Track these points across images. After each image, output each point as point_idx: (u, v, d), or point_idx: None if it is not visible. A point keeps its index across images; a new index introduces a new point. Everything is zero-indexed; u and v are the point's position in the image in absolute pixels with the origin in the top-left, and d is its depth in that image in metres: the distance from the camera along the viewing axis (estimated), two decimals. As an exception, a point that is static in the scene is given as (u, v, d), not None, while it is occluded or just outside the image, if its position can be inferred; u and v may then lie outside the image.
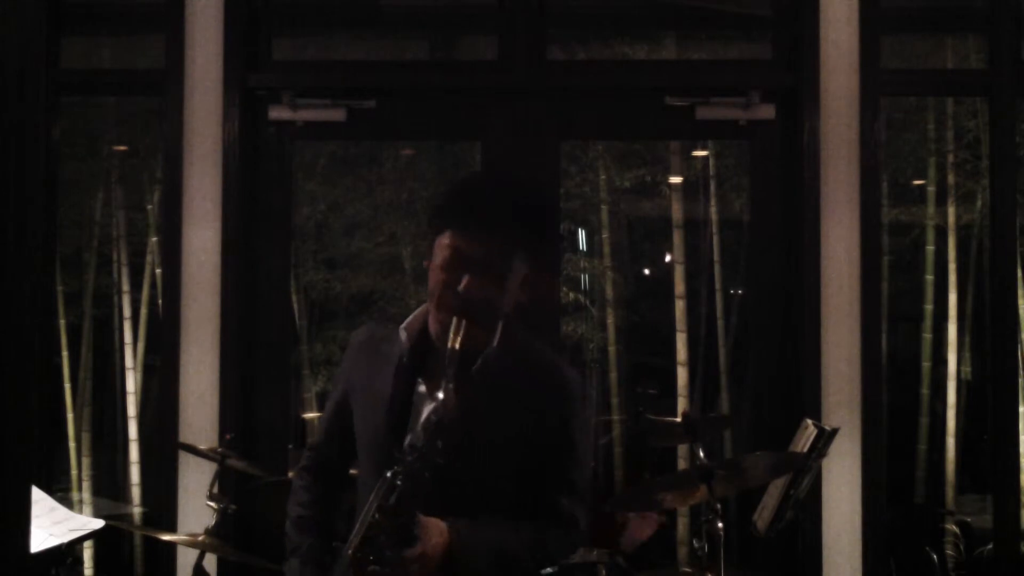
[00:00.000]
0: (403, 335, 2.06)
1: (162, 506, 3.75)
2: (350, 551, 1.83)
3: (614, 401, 4.80)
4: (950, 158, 4.60)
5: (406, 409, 2.03)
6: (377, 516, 1.82)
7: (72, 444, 4.50)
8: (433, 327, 2.00)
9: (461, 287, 1.91)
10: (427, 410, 1.91)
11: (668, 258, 4.56)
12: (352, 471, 2.25)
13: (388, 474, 1.84)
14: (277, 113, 3.86)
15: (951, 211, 4.55)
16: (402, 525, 1.83)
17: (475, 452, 1.95)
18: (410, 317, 2.09)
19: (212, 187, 3.76)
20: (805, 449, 3.03)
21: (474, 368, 1.96)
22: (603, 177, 4.89)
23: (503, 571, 1.96)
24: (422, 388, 2.04)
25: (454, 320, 1.87)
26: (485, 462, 1.98)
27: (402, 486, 1.82)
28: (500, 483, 2.00)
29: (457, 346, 1.85)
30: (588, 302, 5.00)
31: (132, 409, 4.41)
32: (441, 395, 1.83)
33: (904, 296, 4.69)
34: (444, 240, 1.95)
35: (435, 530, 1.88)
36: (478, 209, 1.96)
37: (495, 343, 2.01)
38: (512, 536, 1.98)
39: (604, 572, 2.92)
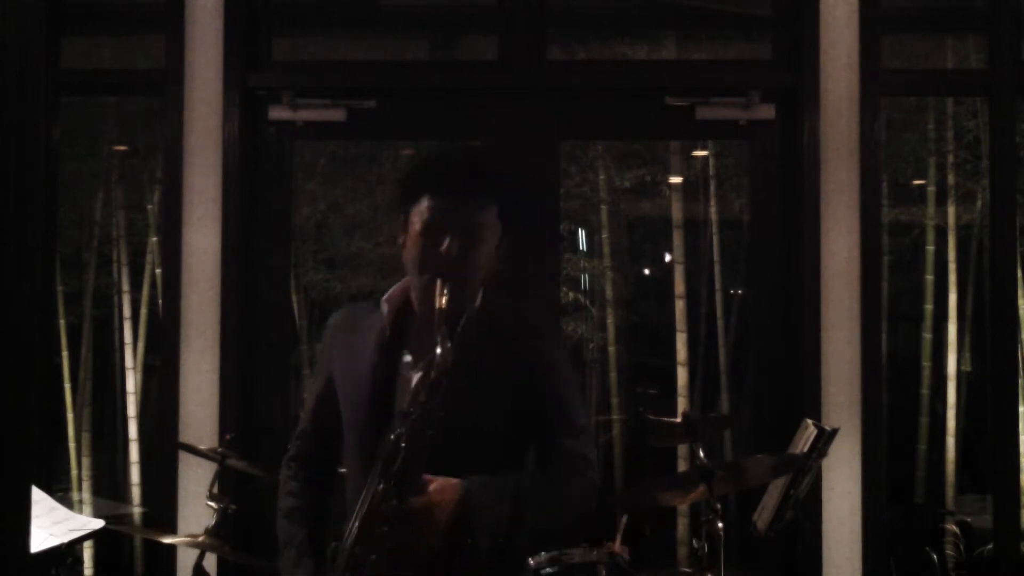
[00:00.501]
0: (384, 307, 2.09)
1: (162, 506, 3.75)
2: (357, 522, 1.82)
3: (614, 401, 4.80)
4: (950, 158, 4.60)
5: (392, 380, 2.04)
6: (382, 483, 1.82)
7: (72, 444, 4.50)
8: (416, 294, 2.03)
9: (443, 248, 1.96)
10: (419, 374, 1.90)
11: (668, 258, 4.56)
12: (341, 468, 2.24)
13: (392, 436, 1.84)
14: (277, 113, 3.86)
15: (951, 211, 4.55)
16: (409, 488, 1.83)
17: (472, 410, 1.96)
18: (391, 290, 2.12)
19: (212, 187, 3.76)
20: (805, 449, 3.04)
21: (458, 328, 1.99)
22: (603, 177, 4.88)
23: (525, 521, 1.96)
24: (407, 358, 2.06)
25: (438, 282, 1.92)
26: (483, 419, 1.99)
27: (406, 448, 1.81)
28: (502, 437, 2.01)
29: (444, 305, 1.90)
30: (588, 302, 5.00)
31: (132, 409, 4.40)
32: (438, 350, 1.84)
33: (904, 296, 4.69)
34: (422, 206, 2.01)
35: (448, 484, 1.87)
36: (454, 174, 2.04)
37: (477, 305, 2.05)
38: (529, 483, 1.99)
39: (604, 572, 2.93)
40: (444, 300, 1.90)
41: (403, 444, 1.83)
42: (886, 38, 3.81)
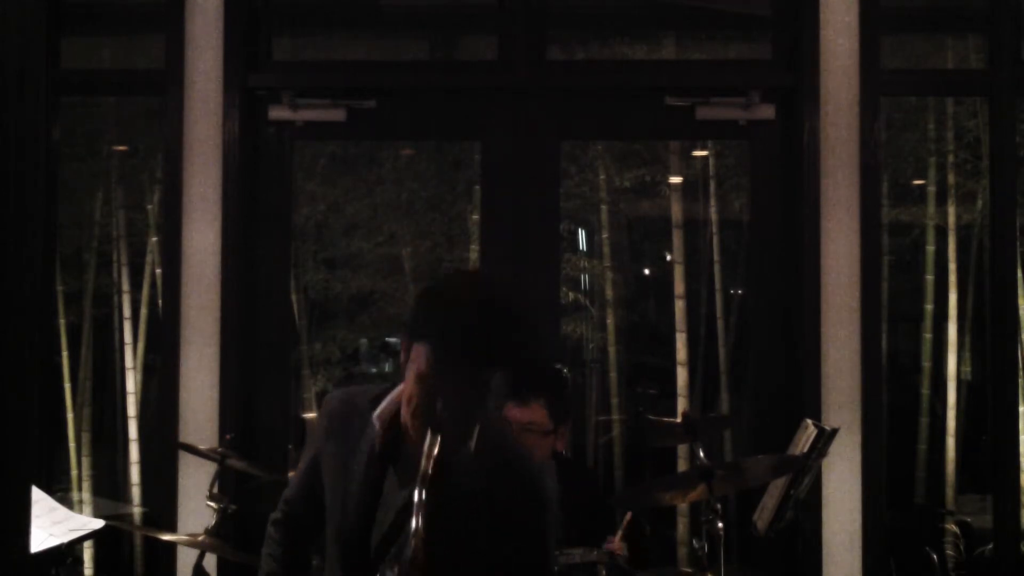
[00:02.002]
0: (376, 424, 2.00)
1: (162, 506, 3.75)
2: None
3: (614, 401, 4.80)
4: (950, 158, 4.59)
5: (376, 497, 2.00)
6: None
7: (72, 444, 4.50)
8: (406, 422, 1.94)
9: (437, 409, 1.84)
10: (402, 541, 1.87)
11: (668, 258, 4.56)
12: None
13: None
14: (277, 113, 3.86)
15: (951, 211, 4.55)
16: None
17: (450, 557, 1.89)
18: (383, 404, 2.02)
19: (212, 187, 3.76)
20: (805, 449, 3.04)
21: (450, 478, 1.88)
22: (603, 177, 4.88)
23: None
24: (393, 479, 2.01)
25: (427, 440, 1.78)
26: (459, 565, 1.93)
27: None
28: None
29: (431, 471, 1.77)
30: (588, 302, 5.00)
31: (132, 409, 4.40)
32: (412, 523, 1.74)
33: (904, 296, 4.69)
34: (424, 353, 1.86)
35: None
36: (456, 325, 1.84)
37: (472, 447, 1.93)
38: None
39: (604, 572, 2.93)
40: (430, 465, 1.77)
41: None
42: (886, 38, 3.81)
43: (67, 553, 2.89)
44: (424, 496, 1.74)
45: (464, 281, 2.14)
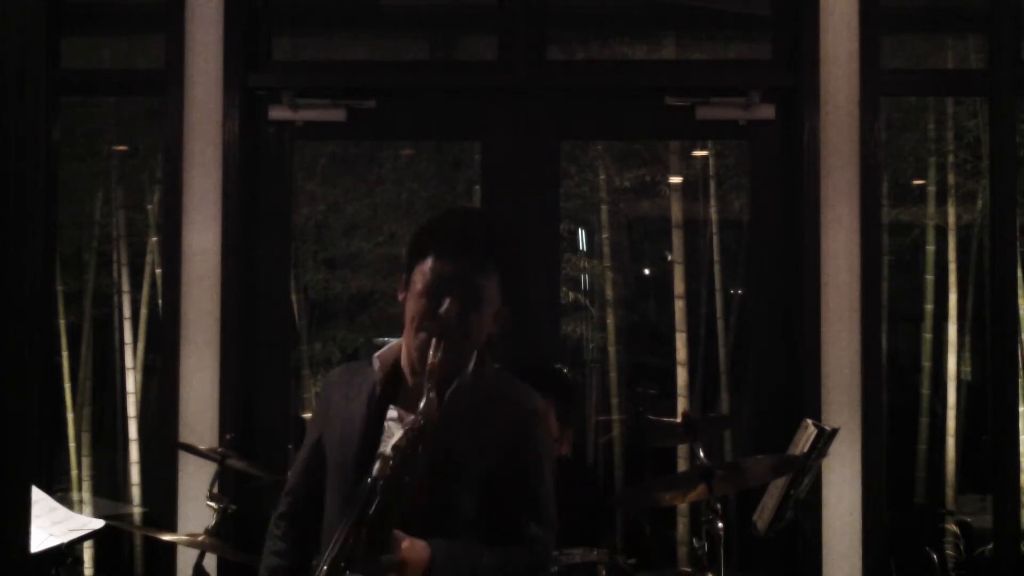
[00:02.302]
0: (376, 363, 2.12)
1: (162, 506, 3.75)
2: (326, 566, 1.81)
3: (614, 401, 4.80)
4: (950, 158, 4.59)
5: (377, 435, 2.06)
6: (355, 527, 1.82)
7: (72, 444, 4.50)
8: (408, 355, 2.07)
9: (442, 310, 2.00)
10: (406, 425, 1.92)
11: (668, 258, 4.56)
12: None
13: (368, 480, 1.84)
14: (277, 113, 3.86)
15: (951, 211, 4.55)
16: (382, 538, 1.85)
17: (448, 474, 2.00)
18: (383, 348, 2.15)
19: (212, 187, 3.76)
20: (805, 449, 3.04)
21: (448, 392, 2.01)
22: (603, 177, 4.88)
23: None
24: (393, 414, 2.08)
25: (433, 340, 1.94)
26: (457, 485, 2.02)
27: (382, 493, 1.82)
28: (473, 507, 2.03)
29: (436, 362, 1.92)
30: (588, 302, 5.00)
31: (132, 409, 4.40)
32: (423, 401, 1.86)
33: (904, 296, 4.69)
34: (426, 266, 2.04)
35: (417, 545, 1.91)
36: (461, 237, 2.07)
37: (469, 370, 2.07)
38: (490, 561, 2.01)
39: (604, 572, 2.93)
40: (437, 358, 1.92)
41: (379, 487, 1.82)
42: (886, 38, 3.80)
43: (67, 553, 2.89)
44: (430, 397, 1.86)
45: (457, 208, 2.34)
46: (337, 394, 2.19)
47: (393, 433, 2.04)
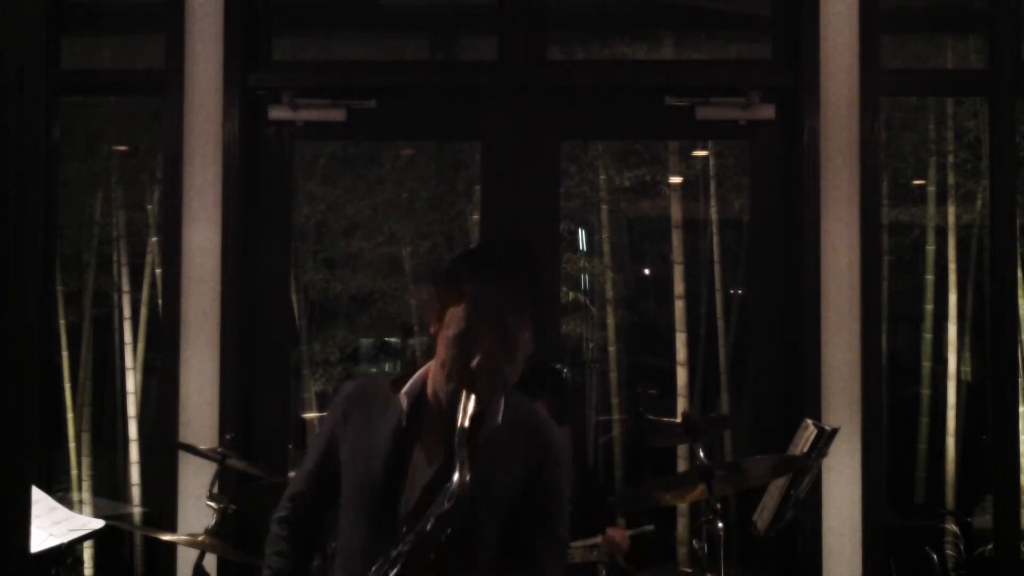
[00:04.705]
0: (404, 400, 2.05)
1: (162, 506, 3.75)
2: None
3: (614, 401, 4.80)
4: (950, 158, 4.60)
5: (403, 472, 2.03)
6: None
7: (72, 444, 4.50)
8: (440, 394, 2.01)
9: (473, 364, 1.92)
10: (440, 497, 1.88)
11: (668, 258, 4.56)
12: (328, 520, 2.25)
13: (393, 553, 1.84)
14: (277, 113, 3.86)
15: (951, 211, 4.55)
16: None
17: (474, 515, 1.95)
18: (410, 381, 2.07)
19: (212, 187, 3.76)
20: (805, 449, 3.04)
21: (479, 441, 1.93)
22: (603, 177, 4.89)
23: None
24: (418, 452, 2.04)
25: (463, 397, 1.86)
26: (482, 523, 2.00)
27: (404, 565, 1.82)
28: (492, 544, 2.02)
29: (467, 426, 1.84)
30: (588, 302, 5.00)
31: (132, 409, 4.41)
32: (455, 477, 1.80)
33: (904, 296, 4.69)
34: (459, 313, 1.95)
35: None
36: (499, 281, 1.97)
37: (499, 414, 2.02)
38: None
39: (604, 572, 2.93)
40: (467, 420, 1.84)
41: (402, 559, 1.83)
42: (886, 38, 3.80)
43: (67, 553, 2.90)
44: (466, 453, 1.80)
45: (495, 243, 2.33)
46: (357, 411, 2.12)
47: (418, 468, 2.01)
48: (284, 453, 3.90)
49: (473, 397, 1.86)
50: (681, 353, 4.29)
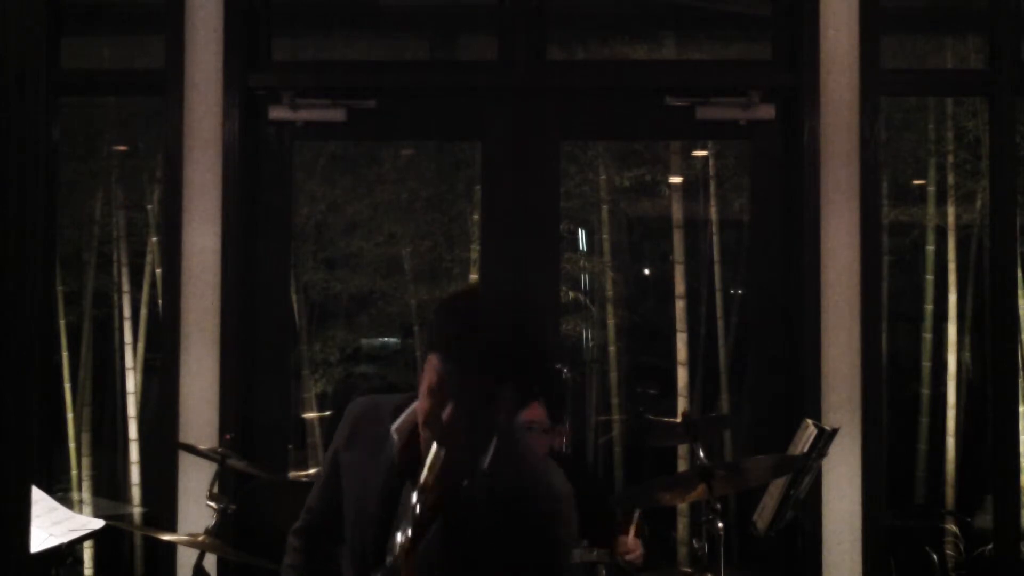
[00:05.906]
0: (395, 437, 2.01)
1: (162, 506, 3.75)
2: None
3: (614, 401, 4.80)
4: (950, 158, 4.60)
5: (392, 510, 2.01)
6: None
7: (72, 444, 4.50)
8: (421, 437, 1.95)
9: (444, 417, 1.83)
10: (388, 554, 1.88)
11: (668, 258, 4.56)
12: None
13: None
14: (277, 113, 3.86)
15: (951, 211, 4.55)
16: None
17: (464, 567, 1.93)
18: (401, 417, 2.02)
19: (212, 187, 3.76)
20: (805, 449, 3.04)
21: (462, 494, 1.90)
22: (603, 177, 4.89)
23: None
24: (408, 488, 2.00)
25: (432, 452, 1.73)
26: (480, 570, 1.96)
27: None
28: None
29: (431, 483, 1.72)
30: (588, 302, 5.00)
31: (132, 409, 4.41)
32: (399, 536, 1.71)
33: (904, 296, 4.69)
34: (432, 363, 1.86)
35: None
36: (466, 336, 1.84)
37: (487, 464, 1.94)
38: None
39: (604, 572, 2.93)
40: (432, 478, 1.72)
41: None
42: (886, 38, 3.80)
43: (67, 553, 2.89)
44: (419, 508, 1.70)
45: (476, 295, 2.17)
46: (359, 437, 2.10)
47: (408, 505, 1.93)
48: (284, 453, 3.90)
49: (442, 452, 1.73)
50: (681, 353, 4.29)
